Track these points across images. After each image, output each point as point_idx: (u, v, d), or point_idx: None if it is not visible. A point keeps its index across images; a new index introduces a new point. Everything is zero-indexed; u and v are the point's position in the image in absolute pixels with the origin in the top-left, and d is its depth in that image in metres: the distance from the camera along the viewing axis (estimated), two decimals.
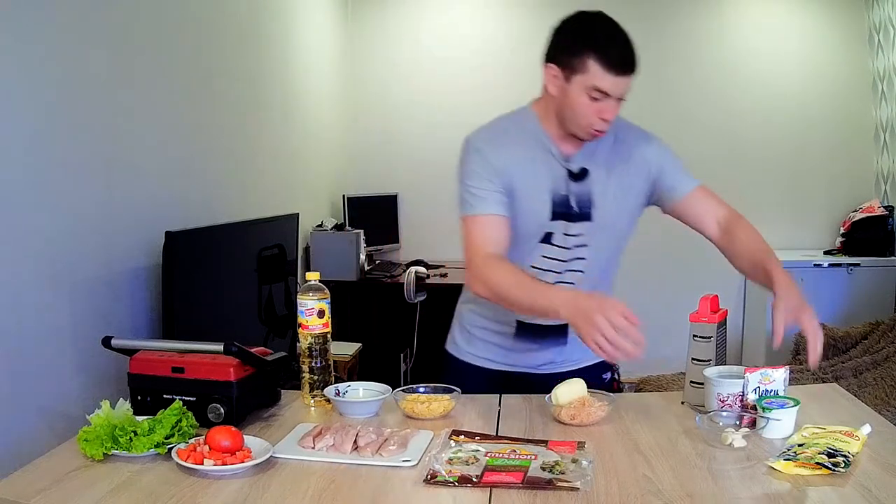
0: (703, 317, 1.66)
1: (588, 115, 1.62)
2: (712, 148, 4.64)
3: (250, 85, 3.23)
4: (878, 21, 4.40)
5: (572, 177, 1.70)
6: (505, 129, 1.76)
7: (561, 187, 1.70)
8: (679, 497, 1.18)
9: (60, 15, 1.95)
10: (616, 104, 1.63)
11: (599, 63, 1.58)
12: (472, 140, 1.74)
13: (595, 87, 1.59)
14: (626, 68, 1.59)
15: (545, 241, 1.73)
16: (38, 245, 1.88)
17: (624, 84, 1.60)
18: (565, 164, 1.71)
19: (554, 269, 1.74)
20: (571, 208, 1.71)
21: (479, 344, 1.88)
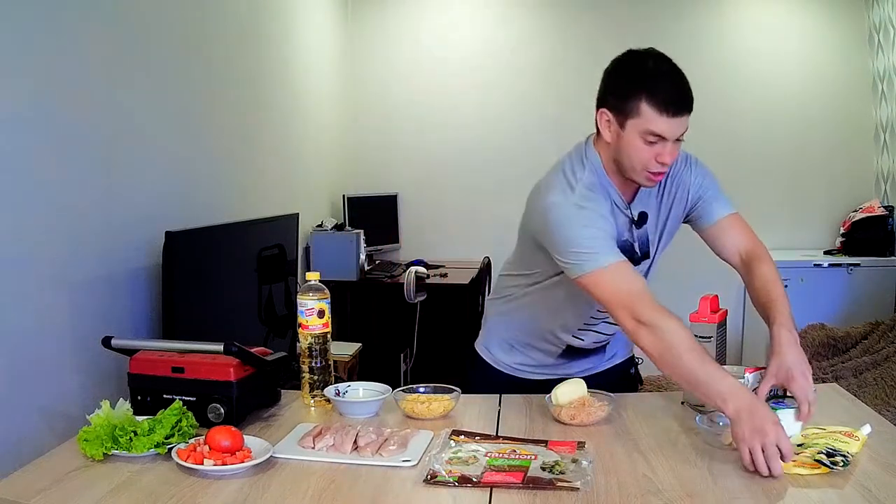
0: (703, 317, 1.66)
1: (645, 159, 1.56)
2: (712, 148, 4.60)
3: (250, 85, 3.23)
4: (878, 21, 4.40)
5: (634, 223, 1.69)
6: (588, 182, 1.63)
7: (625, 234, 1.68)
8: (679, 497, 1.19)
9: (61, 15, 1.95)
10: (674, 146, 1.57)
11: (652, 106, 1.52)
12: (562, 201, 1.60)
13: (649, 131, 1.53)
14: (680, 108, 1.54)
15: None
16: (38, 245, 1.88)
17: (679, 125, 1.54)
18: (628, 212, 1.68)
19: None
20: (635, 253, 1.71)
21: (519, 356, 1.88)
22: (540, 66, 4.66)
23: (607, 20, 4.62)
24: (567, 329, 1.80)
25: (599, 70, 1.68)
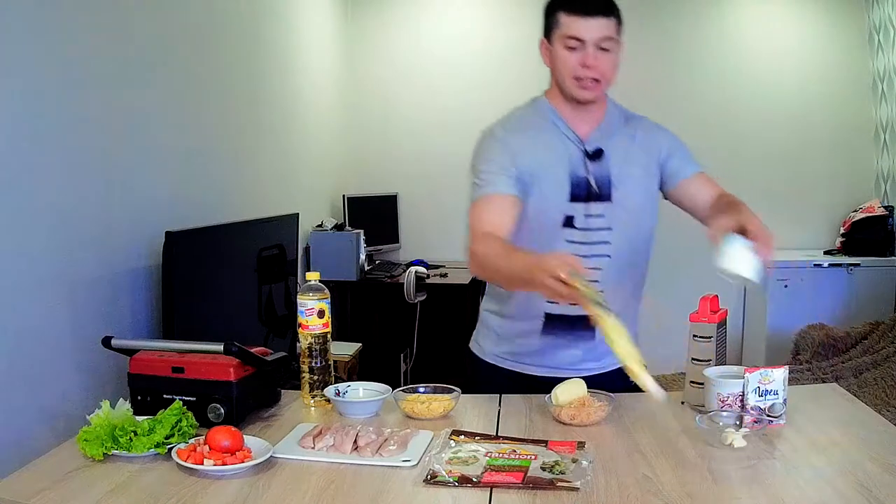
0: (703, 317, 1.66)
1: (571, 66, 1.67)
2: (712, 147, 4.63)
3: (250, 85, 3.23)
4: (878, 21, 4.40)
5: (589, 157, 1.72)
6: (520, 116, 1.79)
7: (579, 169, 1.71)
8: (679, 497, 1.19)
9: (61, 15, 1.95)
10: (596, 52, 1.65)
11: (567, 12, 1.65)
12: (490, 129, 1.77)
13: (567, 34, 1.65)
14: (591, 9, 1.64)
15: (567, 224, 1.72)
16: (39, 245, 1.88)
17: (595, 27, 1.63)
18: (581, 146, 1.73)
19: (578, 253, 1.69)
20: (591, 188, 1.71)
21: (506, 345, 1.85)
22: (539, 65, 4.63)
23: None
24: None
25: None
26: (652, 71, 4.65)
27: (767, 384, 1.49)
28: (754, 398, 1.49)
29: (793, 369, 3.48)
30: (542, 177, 1.70)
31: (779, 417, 1.48)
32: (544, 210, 1.71)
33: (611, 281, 1.73)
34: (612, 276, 1.74)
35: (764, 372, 1.49)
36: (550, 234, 1.72)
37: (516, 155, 1.70)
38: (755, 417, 1.46)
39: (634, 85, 4.66)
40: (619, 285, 1.75)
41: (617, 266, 1.75)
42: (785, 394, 1.50)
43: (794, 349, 3.94)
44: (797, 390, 1.71)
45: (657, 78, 4.65)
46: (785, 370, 1.50)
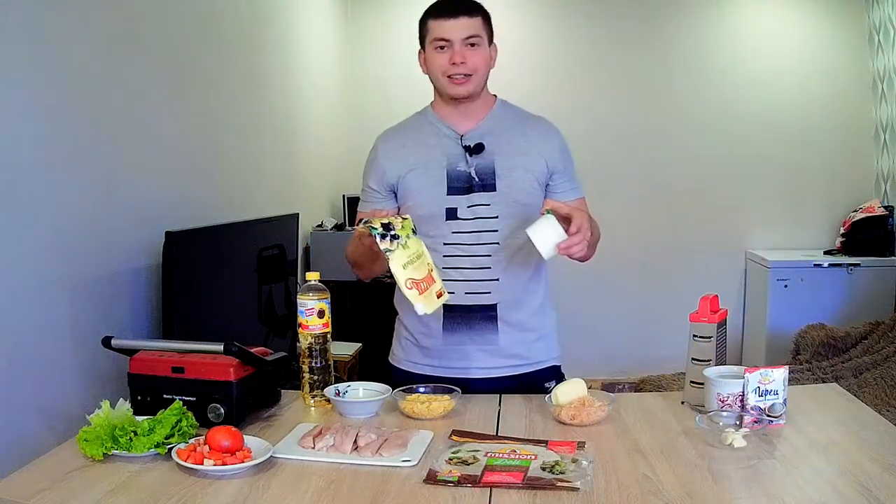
0: (703, 317, 1.66)
1: (441, 65, 1.77)
2: (712, 147, 4.64)
3: (250, 85, 3.23)
4: (878, 21, 4.40)
5: (469, 151, 1.80)
6: (404, 122, 1.94)
7: (458, 163, 1.80)
8: (679, 497, 1.19)
9: (60, 15, 1.95)
10: (464, 49, 1.75)
11: (432, 17, 1.77)
12: (378, 137, 1.93)
13: (435, 37, 1.76)
14: (453, 11, 1.75)
15: (451, 217, 1.80)
16: (39, 245, 1.88)
17: (460, 26, 1.74)
18: (461, 141, 1.81)
19: (464, 242, 1.80)
20: (473, 180, 1.79)
21: (414, 350, 1.89)
22: (539, 65, 4.66)
23: (607, 21, 4.62)
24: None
25: (600, 70, 1.72)
26: (652, 71, 4.66)
27: (767, 384, 1.49)
28: (754, 398, 1.49)
29: (793, 369, 3.48)
30: (419, 175, 1.81)
31: (779, 417, 1.48)
32: (424, 204, 1.80)
33: (502, 268, 1.81)
34: (503, 263, 1.81)
35: (764, 372, 1.49)
36: (437, 228, 1.81)
37: (388, 163, 1.85)
38: (755, 417, 1.46)
39: (634, 85, 4.69)
40: (511, 272, 1.82)
41: (508, 253, 1.81)
42: (785, 394, 1.50)
43: (794, 349, 3.94)
44: (797, 390, 1.72)
45: (657, 78, 4.65)
46: (785, 370, 1.51)
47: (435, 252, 1.79)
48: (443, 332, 1.82)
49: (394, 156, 1.85)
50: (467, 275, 1.80)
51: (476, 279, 1.80)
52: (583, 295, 4.51)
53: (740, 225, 4.68)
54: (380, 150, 1.89)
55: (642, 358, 4.43)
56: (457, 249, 1.80)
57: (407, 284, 1.51)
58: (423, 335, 1.86)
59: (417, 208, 1.79)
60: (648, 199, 4.61)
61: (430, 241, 1.76)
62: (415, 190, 1.81)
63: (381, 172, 1.85)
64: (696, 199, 4.62)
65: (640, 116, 4.62)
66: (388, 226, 1.51)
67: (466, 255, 1.80)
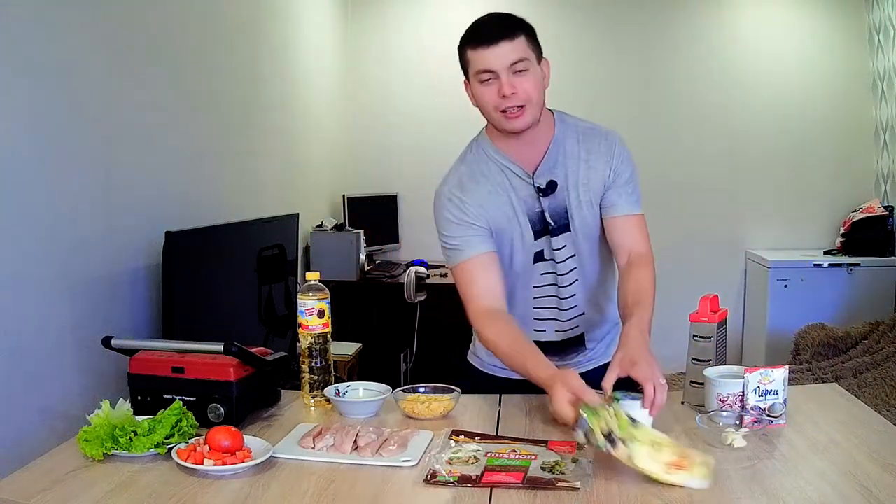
0: (703, 317, 1.66)
1: (491, 99, 1.62)
2: (712, 148, 4.64)
3: (250, 85, 3.23)
4: (878, 21, 4.40)
5: (541, 192, 1.71)
6: (468, 169, 1.75)
7: (534, 205, 1.71)
8: (679, 497, 1.18)
9: (60, 15, 1.95)
10: (511, 77, 1.59)
11: (469, 47, 1.62)
12: (441, 191, 1.75)
13: (478, 69, 1.60)
14: (491, 38, 1.58)
15: (538, 260, 1.75)
16: (39, 245, 1.88)
17: (501, 53, 1.58)
18: (531, 181, 1.71)
19: (553, 283, 1.78)
20: (548, 223, 1.72)
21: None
22: None
23: (607, 21, 4.62)
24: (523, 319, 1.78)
25: (600, 70, 1.71)
26: (651, 71, 4.66)
27: (767, 384, 1.49)
28: (754, 398, 1.49)
29: (793, 369, 3.48)
30: (505, 223, 1.71)
31: (779, 417, 1.48)
32: (516, 252, 1.74)
33: (584, 299, 1.80)
34: (586, 295, 1.80)
35: (764, 372, 1.49)
36: (525, 271, 1.76)
37: (477, 211, 1.70)
38: (755, 417, 1.46)
39: (634, 85, 4.69)
40: (593, 302, 1.81)
41: (587, 284, 1.80)
42: (785, 394, 1.50)
43: (794, 349, 3.94)
44: (797, 390, 1.72)
45: (657, 78, 4.65)
46: (785, 370, 1.50)
47: (524, 295, 1.78)
48: None
49: (479, 202, 1.70)
50: (555, 314, 1.80)
51: (564, 319, 1.80)
52: None
53: (740, 225, 4.68)
54: (461, 196, 1.70)
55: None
56: (544, 290, 1.78)
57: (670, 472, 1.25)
58: None
59: (514, 256, 1.73)
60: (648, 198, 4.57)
61: (520, 286, 1.75)
62: (509, 237, 1.71)
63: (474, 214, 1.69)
64: (696, 198, 4.63)
65: (640, 116, 4.62)
66: (610, 435, 1.29)
67: (552, 295, 1.78)
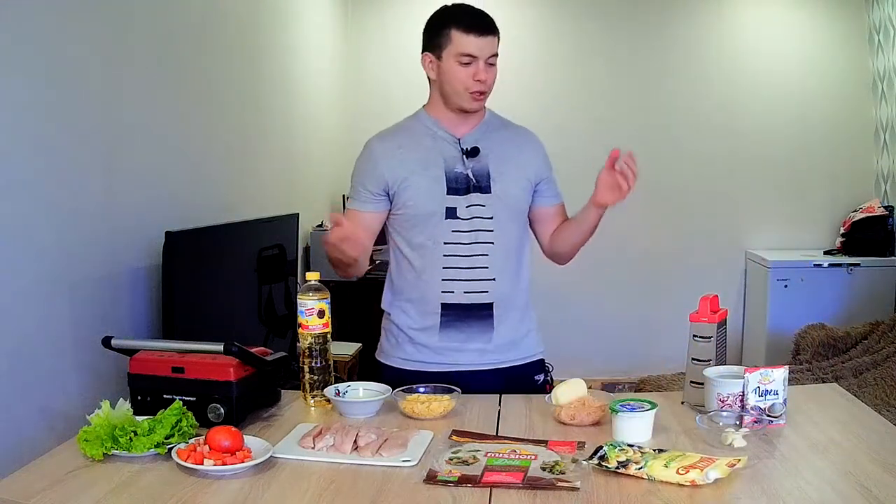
0: (703, 317, 1.66)
1: (464, 80, 1.79)
2: (712, 148, 4.64)
3: (250, 85, 3.23)
4: (878, 21, 4.40)
5: (466, 154, 1.85)
6: (399, 125, 1.95)
7: (456, 165, 1.84)
8: (679, 497, 1.19)
9: (60, 15, 1.95)
10: (488, 67, 1.79)
11: (460, 31, 1.77)
12: (369, 140, 1.94)
13: (462, 52, 1.77)
14: (484, 29, 1.78)
15: (450, 216, 1.83)
16: (39, 245, 1.88)
17: (487, 44, 1.78)
18: (458, 144, 1.86)
19: (463, 241, 1.84)
20: (470, 181, 1.84)
21: (407, 345, 1.90)
22: (538, 65, 4.66)
23: (607, 21, 4.62)
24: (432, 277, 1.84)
25: (600, 69, 1.74)
26: (651, 71, 4.66)
27: (767, 384, 1.49)
28: (754, 398, 1.49)
29: (793, 369, 3.48)
30: (418, 176, 1.83)
31: (779, 417, 1.48)
32: (424, 203, 1.84)
33: (497, 266, 1.85)
34: (498, 263, 1.85)
35: (764, 372, 1.49)
36: (437, 226, 1.84)
37: (386, 165, 1.85)
38: (755, 417, 1.46)
39: (634, 85, 4.69)
40: (506, 272, 1.87)
41: (502, 252, 1.86)
42: (785, 394, 1.50)
43: (794, 349, 3.94)
44: (797, 390, 1.72)
45: (657, 78, 4.65)
46: (785, 370, 1.51)
47: (434, 252, 1.84)
48: (439, 331, 1.86)
49: (391, 157, 1.86)
50: (465, 274, 1.84)
51: (474, 279, 1.84)
52: (583, 295, 4.51)
53: (740, 225, 4.68)
54: (376, 152, 1.89)
55: (642, 358, 4.43)
56: (455, 249, 1.83)
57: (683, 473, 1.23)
58: (417, 332, 1.89)
59: (418, 207, 1.84)
60: (648, 198, 4.59)
61: (429, 241, 1.84)
62: (415, 190, 1.83)
63: (379, 175, 1.86)
64: (696, 199, 4.62)
65: (639, 116, 4.62)
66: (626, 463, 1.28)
67: (465, 254, 1.83)
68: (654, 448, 1.34)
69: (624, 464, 1.27)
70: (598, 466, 1.28)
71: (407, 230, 1.88)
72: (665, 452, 1.31)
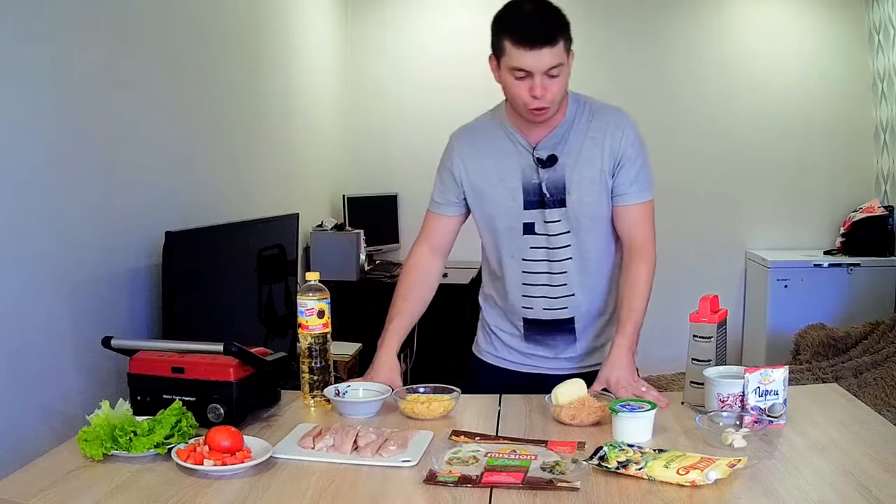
0: (703, 317, 1.66)
1: (520, 94, 1.64)
2: (712, 148, 4.64)
3: (250, 85, 3.23)
4: (878, 21, 4.40)
5: (541, 164, 1.73)
6: (477, 124, 1.84)
7: (532, 176, 1.74)
8: (679, 497, 1.19)
9: (59, 14, 1.95)
10: (544, 80, 1.61)
11: (511, 42, 1.59)
12: (453, 135, 1.86)
13: (514, 66, 1.60)
14: (536, 42, 1.58)
15: (528, 232, 1.77)
16: (39, 245, 1.88)
17: (541, 58, 1.59)
18: (532, 152, 1.73)
19: (541, 258, 1.79)
20: (544, 195, 1.73)
21: (497, 343, 1.91)
22: None
23: (606, 21, 4.62)
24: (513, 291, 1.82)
25: (600, 70, 1.72)
26: (651, 71, 4.65)
27: (767, 384, 1.49)
28: (754, 398, 1.49)
29: (793, 369, 3.48)
30: (494, 186, 1.76)
31: (779, 417, 1.48)
32: (500, 216, 1.78)
33: (576, 281, 1.79)
34: (577, 277, 1.79)
35: (764, 372, 1.49)
36: (514, 241, 1.79)
37: (464, 166, 1.79)
38: (755, 417, 1.46)
39: (633, 85, 4.69)
40: (586, 286, 1.81)
41: (581, 265, 1.79)
42: (785, 394, 1.50)
43: (794, 349, 3.94)
44: (797, 390, 1.72)
45: (656, 78, 4.65)
46: (785, 370, 1.50)
47: (513, 266, 1.81)
48: (524, 339, 1.86)
49: (471, 160, 1.79)
50: (544, 291, 1.81)
51: (554, 296, 1.80)
52: None
53: (740, 225, 4.68)
54: (455, 150, 1.81)
55: (642, 358, 4.40)
56: (534, 266, 1.79)
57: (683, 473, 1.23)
58: (505, 334, 1.89)
59: (496, 220, 1.78)
60: None
61: (508, 257, 1.79)
62: (493, 201, 1.77)
63: (460, 172, 1.80)
64: (696, 198, 4.62)
65: (639, 116, 4.53)
66: (626, 463, 1.28)
67: (544, 271, 1.79)
68: (654, 448, 1.34)
69: (624, 464, 1.27)
70: (598, 467, 1.28)
71: (488, 238, 1.85)
72: (665, 453, 1.31)
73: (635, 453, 1.30)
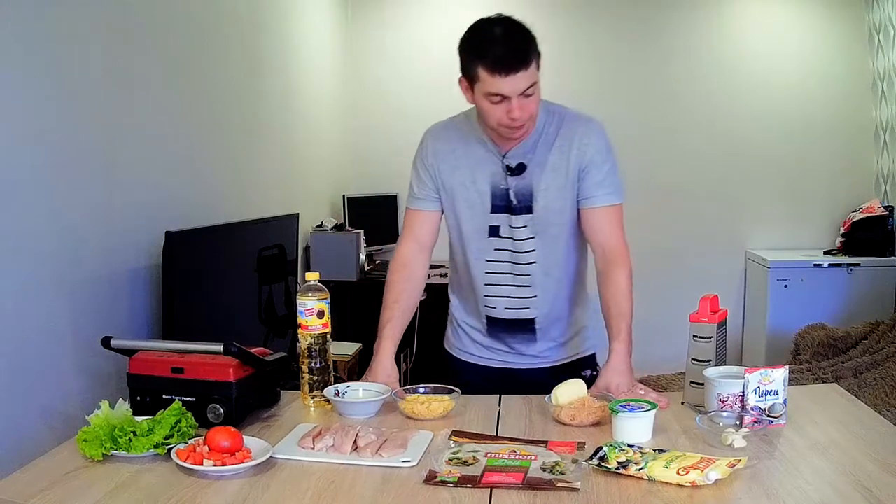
0: (703, 317, 1.66)
1: (497, 117, 1.64)
2: (712, 148, 4.64)
3: (250, 85, 3.23)
4: (878, 21, 4.40)
5: (510, 172, 1.76)
6: (452, 123, 1.86)
7: (500, 182, 1.77)
8: (679, 497, 1.18)
9: (59, 14, 1.95)
10: (521, 100, 1.61)
11: (485, 69, 1.59)
12: (427, 133, 1.88)
13: (490, 92, 1.61)
14: (510, 68, 1.57)
15: (493, 234, 1.80)
16: (39, 245, 1.87)
17: (517, 82, 1.58)
18: (502, 160, 1.76)
19: (505, 260, 1.82)
20: (511, 202, 1.76)
21: (465, 338, 1.95)
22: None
23: (606, 21, 4.62)
24: (477, 289, 1.86)
25: (599, 70, 1.72)
26: (651, 71, 4.65)
27: (767, 384, 1.49)
28: (754, 398, 1.48)
29: (793, 369, 3.48)
30: (464, 188, 1.79)
31: (779, 418, 1.48)
32: (469, 219, 1.82)
33: (539, 284, 1.82)
34: (541, 280, 1.82)
35: (764, 372, 1.49)
36: (480, 243, 1.82)
37: (441, 169, 1.82)
38: (755, 418, 1.46)
39: (633, 85, 4.69)
40: (548, 288, 1.83)
41: (544, 270, 1.81)
42: (785, 394, 1.50)
43: (794, 349, 3.94)
44: (797, 390, 1.72)
45: (656, 78, 4.65)
46: (785, 370, 1.50)
47: (477, 266, 1.84)
48: (487, 336, 1.90)
49: (444, 158, 1.82)
50: (508, 291, 1.84)
51: (516, 296, 1.84)
52: None
53: (740, 225, 4.68)
54: (430, 148, 1.84)
55: (642, 358, 4.39)
56: (498, 266, 1.83)
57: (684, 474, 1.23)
58: (470, 328, 1.94)
59: (463, 221, 1.82)
60: (648, 198, 4.60)
61: (473, 257, 1.83)
62: (463, 201, 1.81)
63: (434, 169, 1.83)
64: (696, 198, 4.62)
65: (639, 116, 4.62)
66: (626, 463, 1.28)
67: (507, 272, 1.82)
68: (654, 448, 1.34)
69: (624, 464, 1.27)
70: (598, 467, 1.28)
71: (455, 235, 1.88)
72: (665, 453, 1.31)
73: (635, 453, 1.30)
